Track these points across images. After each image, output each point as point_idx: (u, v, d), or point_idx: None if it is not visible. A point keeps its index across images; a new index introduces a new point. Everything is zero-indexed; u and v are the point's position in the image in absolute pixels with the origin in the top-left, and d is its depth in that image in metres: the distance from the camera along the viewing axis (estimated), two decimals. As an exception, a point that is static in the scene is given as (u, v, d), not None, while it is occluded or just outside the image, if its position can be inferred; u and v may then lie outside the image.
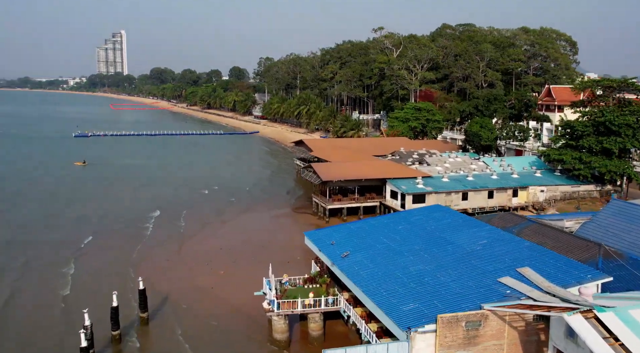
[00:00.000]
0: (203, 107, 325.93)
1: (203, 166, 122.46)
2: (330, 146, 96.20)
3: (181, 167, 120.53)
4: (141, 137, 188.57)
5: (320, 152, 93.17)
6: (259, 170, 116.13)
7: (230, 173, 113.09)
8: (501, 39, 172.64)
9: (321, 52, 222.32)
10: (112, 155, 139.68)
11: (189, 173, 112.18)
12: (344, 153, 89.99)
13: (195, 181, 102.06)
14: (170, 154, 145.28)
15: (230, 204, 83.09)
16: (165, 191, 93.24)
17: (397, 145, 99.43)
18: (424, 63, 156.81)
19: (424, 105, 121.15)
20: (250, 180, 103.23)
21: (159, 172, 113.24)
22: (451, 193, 68.72)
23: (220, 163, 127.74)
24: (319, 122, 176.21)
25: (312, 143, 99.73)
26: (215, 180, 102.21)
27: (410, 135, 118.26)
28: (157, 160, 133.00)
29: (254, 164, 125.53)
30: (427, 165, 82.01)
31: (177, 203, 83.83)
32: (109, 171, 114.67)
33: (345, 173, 71.26)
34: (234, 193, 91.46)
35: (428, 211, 44.50)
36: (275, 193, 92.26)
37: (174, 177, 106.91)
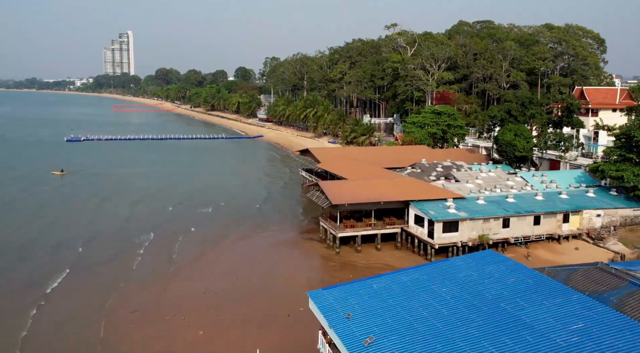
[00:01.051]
0: (207, 109, 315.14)
1: (206, 176, 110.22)
2: (339, 156, 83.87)
3: (181, 178, 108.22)
4: (138, 141, 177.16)
5: (329, 163, 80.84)
6: (267, 182, 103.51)
7: (236, 185, 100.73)
8: (524, 36, 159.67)
9: (329, 51, 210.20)
10: (101, 163, 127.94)
11: (191, 185, 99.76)
12: (356, 165, 77.61)
13: (197, 195, 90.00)
14: (168, 160, 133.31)
15: (232, 227, 70.91)
16: (163, 208, 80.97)
17: (417, 155, 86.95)
18: (441, 62, 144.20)
19: (445, 109, 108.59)
20: (258, 195, 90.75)
21: (156, 184, 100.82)
22: (490, 219, 56.15)
23: (224, 173, 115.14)
24: (327, 126, 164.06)
25: (320, 153, 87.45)
26: (220, 195, 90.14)
27: (429, 142, 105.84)
28: (154, 168, 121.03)
29: (260, 174, 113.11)
30: (455, 181, 69.47)
31: (175, 224, 71.96)
32: (95, 182, 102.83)
33: (359, 194, 58.83)
34: (241, 210, 79.50)
35: (479, 262, 32.07)
36: (283, 211, 79.91)
37: (173, 190, 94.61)
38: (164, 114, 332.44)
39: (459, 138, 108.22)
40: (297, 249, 61.29)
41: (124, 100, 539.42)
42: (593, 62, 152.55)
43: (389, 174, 70.09)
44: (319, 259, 57.85)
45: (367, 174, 72.33)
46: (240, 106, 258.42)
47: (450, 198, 58.46)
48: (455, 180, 69.68)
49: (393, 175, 68.21)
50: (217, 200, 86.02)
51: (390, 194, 59.17)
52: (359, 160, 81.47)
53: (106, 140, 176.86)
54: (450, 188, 65.56)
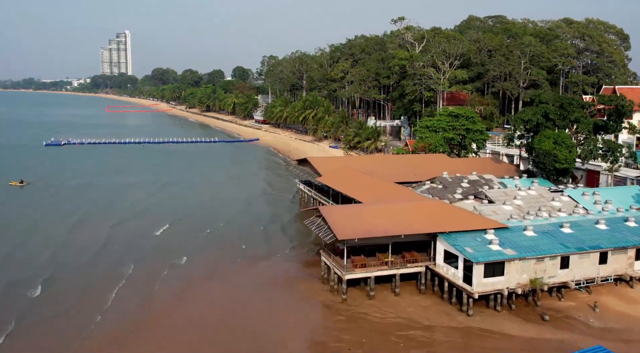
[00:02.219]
0: (202, 110, 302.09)
1: (199, 189, 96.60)
2: (343, 169, 70.52)
3: (172, 190, 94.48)
4: (124, 145, 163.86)
5: (331, 177, 67.55)
6: (267, 196, 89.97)
7: (235, 198, 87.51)
8: (543, 31, 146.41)
9: (330, 48, 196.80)
10: (77, 171, 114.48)
11: (183, 200, 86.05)
12: (364, 181, 64.32)
13: (191, 213, 76.62)
14: (156, 168, 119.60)
15: (225, 258, 57.76)
16: (150, 231, 67.43)
17: (435, 166, 73.69)
18: (453, 59, 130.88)
19: (463, 111, 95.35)
20: (262, 213, 77.36)
21: (141, 199, 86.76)
22: (544, 259, 42.77)
23: (220, 184, 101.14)
24: (328, 128, 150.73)
25: (320, 164, 74.06)
26: (217, 213, 77.25)
27: (445, 149, 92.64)
28: (139, 177, 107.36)
29: (262, 184, 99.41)
30: (489, 201, 56.15)
31: (163, 253, 59.12)
32: (63, 196, 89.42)
33: (372, 224, 45.34)
34: (243, 234, 66.68)
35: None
36: (281, 235, 66.66)
37: (161, 207, 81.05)
38: (158, 115, 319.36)
39: (479, 144, 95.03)
40: (293, 293, 47.75)
41: (120, 100, 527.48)
42: (619, 59, 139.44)
43: (408, 194, 56.51)
44: (321, 309, 44.50)
45: (378, 192, 58.99)
46: (236, 107, 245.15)
47: (490, 228, 45.09)
48: (488, 200, 56.34)
49: (412, 196, 54.69)
50: (215, 220, 73.25)
51: (414, 224, 45.71)
52: (367, 173, 68.14)
53: (89, 144, 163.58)
54: (484, 211, 52.25)
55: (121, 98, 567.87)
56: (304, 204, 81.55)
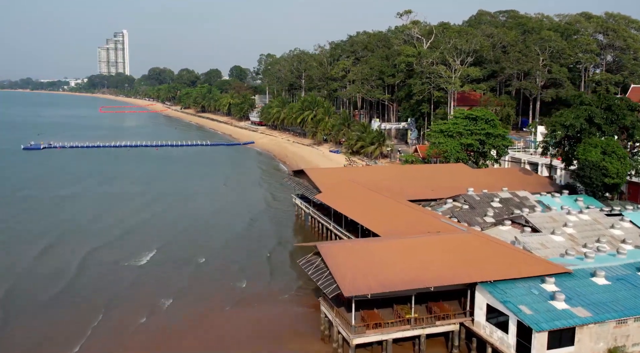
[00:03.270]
0: (197, 111, 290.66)
1: (193, 201, 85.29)
2: (346, 183, 59.05)
3: (160, 205, 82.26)
4: (109, 149, 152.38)
5: (333, 194, 56.12)
6: (270, 211, 77.89)
7: (233, 215, 75.83)
8: (562, 26, 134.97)
9: (330, 45, 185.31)
10: (50, 180, 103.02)
11: (171, 219, 74.28)
12: (372, 200, 52.85)
13: (179, 238, 64.63)
14: (142, 176, 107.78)
15: (219, 299, 46.41)
16: (130, 263, 55.93)
17: (455, 180, 62.32)
18: (465, 56, 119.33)
19: (482, 113, 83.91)
20: (266, 234, 65.65)
21: (121, 218, 74.66)
22: (627, 321, 31.25)
23: (213, 196, 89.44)
24: (328, 131, 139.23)
25: (320, 177, 62.49)
26: (216, 234, 65.76)
27: (462, 157, 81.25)
28: (123, 187, 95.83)
29: (257, 198, 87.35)
30: (532, 229, 44.64)
31: (145, 291, 48.26)
32: (34, 212, 77.92)
33: (388, 270, 33.68)
34: (244, 264, 55.23)
35: None
36: (292, 265, 54.38)
37: (145, 228, 69.32)
38: (152, 116, 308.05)
39: (500, 151, 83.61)
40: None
41: (116, 100, 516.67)
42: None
43: (429, 220, 44.75)
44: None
45: (390, 216, 47.48)
46: (232, 108, 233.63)
47: (550, 275, 33.54)
48: (530, 228, 44.81)
49: (436, 223, 43.04)
50: (211, 243, 62.07)
51: (446, 270, 34.08)
52: (374, 189, 56.64)
53: (72, 148, 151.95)
54: (529, 244, 40.81)
55: (117, 98, 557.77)
56: (300, 222, 70.08)
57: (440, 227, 41.41)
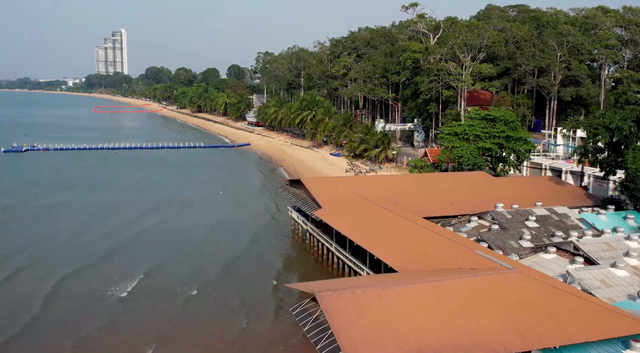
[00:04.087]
0: (193, 111, 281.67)
1: (185, 212, 75.95)
2: (351, 198, 50.04)
3: (149, 216, 73.05)
4: (97, 151, 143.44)
5: (336, 211, 47.15)
6: (273, 226, 68.37)
7: (231, 231, 66.23)
8: (580, 20, 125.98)
9: (331, 42, 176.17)
10: (32, 187, 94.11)
11: (165, 230, 65.79)
12: (381, 218, 43.84)
13: (170, 261, 55.43)
14: (128, 183, 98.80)
15: (211, 346, 37.60)
16: (115, 288, 47.38)
17: (477, 191, 53.38)
18: (476, 52, 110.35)
19: (501, 114, 74.93)
20: (271, 256, 56.60)
21: (109, 229, 66.05)
22: None
23: (207, 207, 79.85)
24: (329, 132, 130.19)
25: (320, 188, 53.42)
26: (213, 257, 56.37)
27: (480, 162, 72.32)
28: (107, 196, 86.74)
29: (256, 209, 77.78)
30: (585, 260, 35.62)
31: (124, 333, 39.61)
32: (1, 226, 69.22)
33: (410, 332, 24.60)
34: (246, 296, 46.01)
35: None
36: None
37: (137, 244, 60.59)
38: (147, 116, 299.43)
39: (522, 156, 74.65)
40: None
41: (112, 100, 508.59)
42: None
43: (457, 248, 35.69)
44: None
45: (406, 240, 38.48)
46: (228, 107, 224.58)
47: (634, 334, 24.50)
48: (583, 257, 35.79)
49: (468, 256, 33.79)
50: (207, 267, 53.02)
51: (489, 333, 24.93)
52: (382, 202, 47.64)
53: (56, 151, 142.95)
54: (585, 281, 31.79)
55: (115, 98, 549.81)
56: (297, 240, 61.04)
57: (474, 260, 32.28)
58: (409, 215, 43.97)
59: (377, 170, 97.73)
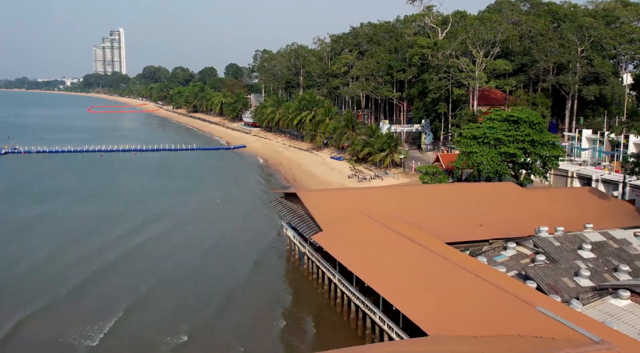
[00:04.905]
0: (189, 110, 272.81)
1: (174, 228, 66.39)
2: (356, 216, 41.11)
3: (132, 235, 63.10)
4: (83, 154, 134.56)
5: (338, 237, 38.33)
6: (277, 245, 59.52)
7: (227, 252, 57.18)
8: (599, 13, 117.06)
9: (331, 38, 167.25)
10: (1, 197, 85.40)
11: (150, 252, 56.49)
12: (396, 246, 34.94)
13: (165, 282, 47.44)
14: (111, 192, 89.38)
15: None
16: (89, 330, 38.68)
17: (508, 208, 44.48)
18: (490, 46, 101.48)
19: (525, 115, 65.99)
20: (277, 283, 47.83)
21: (86, 252, 56.55)
22: None
23: (199, 221, 70.01)
24: (329, 134, 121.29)
25: (319, 204, 44.35)
26: (207, 286, 47.38)
27: (502, 170, 63.51)
28: (88, 207, 77.59)
29: (257, 225, 67.69)
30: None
31: None
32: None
33: None
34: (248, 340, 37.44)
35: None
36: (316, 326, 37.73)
37: (114, 271, 51.02)
38: (142, 116, 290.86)
39: (550, 163, 65.71)
40: None
41: (110, 100, 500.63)
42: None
43: (504, 299, 26.61)
44: None
45: (432, 280, 29.54)
46: (224, 107, 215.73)
47: None
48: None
49: (532, 318, 24.76)
50: (202, 299, 44.19)
51: None
52: (395, 222, 38.73)
53: (38, 153, 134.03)
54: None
55: (112, 98, 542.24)
56: (293, 263, 52.09)
57: (536, 322, 23.14)
58: (432, 243, 35.01)
59: (383, 176, 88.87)
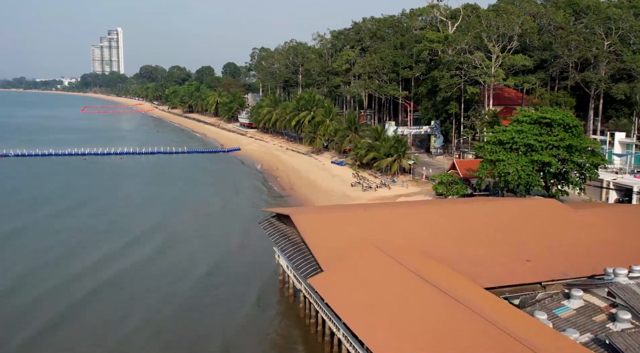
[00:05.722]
0: (184, 110, 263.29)
1: (163, 250, 56.19)
2: (364, 249, 31.42)
3: (115, 259, 53.15)
4: (65, 157, 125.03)
5: (342, 281, 28.89)
6: None
7: (224, 279, 47.77)
8: (625, 3, 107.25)
9: (332, 34, 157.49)
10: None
11: (134, 282, 47.07)
12: (422, 297, 25.30)
13: (153, 319, 38.67)
14: (90, 204, 79.53)
15: None
16: None
17: (560, 235, 34.84)
18: (507, 40, 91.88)
19: (559, 116, 56.43)
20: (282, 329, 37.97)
21: (60, 280, 47.26)
22: None
23: (190, 240, 60.18)
24: (330, 136, 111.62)
25: (316, 230, 34.63)
26: (203, 327, 38.06)
27: (534, 182, 54.05)
28: (62, 225, 67.93)
29: (257, 246, 58.21)
30: None
31: None
32: None
33: None
34: None
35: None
36: None
37: (86, 312, 41.08)
38: (136, 116, 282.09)
39: (590, 174, 56.11)
40: None
41: (106, 100, 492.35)
42: None
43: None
44: None
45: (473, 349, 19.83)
46: (219, 107, 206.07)
47: None
48: None
49: None
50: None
51: None
52: (419, 265, 29.07)
53: (16, 157, 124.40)
54: None
55: (108, 97, 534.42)
56: (287, 300, 42.33)
57: None
58: (469, 292, 25.33)
59: (390, 185, 79.26)
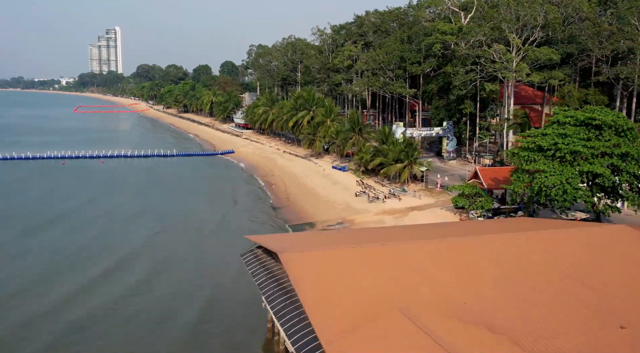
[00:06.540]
0: (179, 110, 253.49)
1: (144, 290, 44.78)
2: (387, 312, 21.52)
3: (92, 291, 43.78)
4: (43, 161, 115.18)
5: None
6: None
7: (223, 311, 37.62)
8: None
9: (332, 29, 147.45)
10: None
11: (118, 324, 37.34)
12: None
13: None
14: (61, 220, 69.06)
15: None
16: None
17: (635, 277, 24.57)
18: (530, 32, 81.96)
19: (610, 117, 46.50)
20: None
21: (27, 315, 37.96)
22: None
23: (179, 266, 50.22)
24: (331, 138, 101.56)
25: (313, 279, 24.59)
26: None
27: (584, 197, 44.14)
28: (27, 247, 57.49)
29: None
30: None
31: None
32: None
33: None
34: None
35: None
36: None
37: None
38: (130, 116, 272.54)
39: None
40: None
41: (102, 99, 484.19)
42: None
43: None
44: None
45: None
46: (214, 107, 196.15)
47: None
48: None
49: None
50: None
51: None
52: (460, 328, 19.04)
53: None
54: None
55: (105, 97, 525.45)
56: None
57: None
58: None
59: (401, 195, 69.25)
